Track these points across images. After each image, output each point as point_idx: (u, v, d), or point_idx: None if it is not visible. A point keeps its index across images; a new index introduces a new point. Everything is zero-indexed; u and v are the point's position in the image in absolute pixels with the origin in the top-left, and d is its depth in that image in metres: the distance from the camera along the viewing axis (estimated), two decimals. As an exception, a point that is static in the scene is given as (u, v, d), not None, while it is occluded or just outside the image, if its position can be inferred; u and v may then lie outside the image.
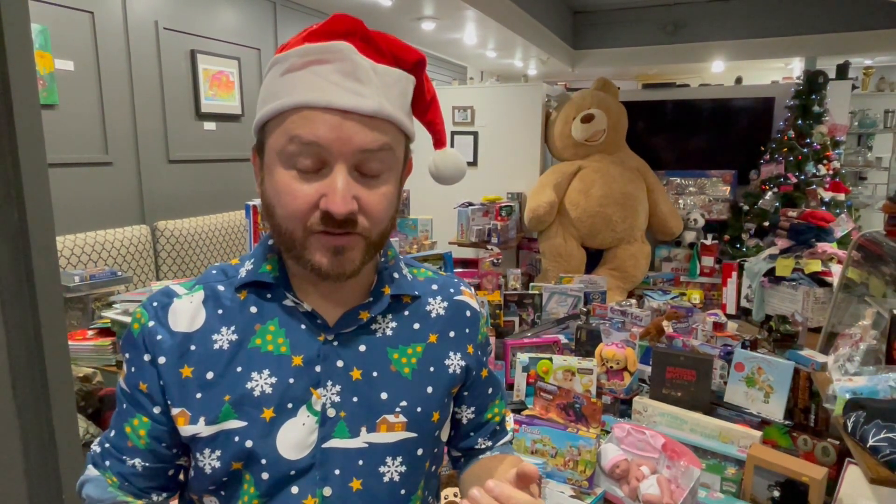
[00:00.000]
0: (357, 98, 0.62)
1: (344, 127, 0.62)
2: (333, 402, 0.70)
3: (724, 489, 1.36)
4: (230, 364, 0.69)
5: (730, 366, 1.65)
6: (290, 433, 0.68)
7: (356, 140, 0.62)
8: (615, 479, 1.29)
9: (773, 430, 1.50)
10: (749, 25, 5.19)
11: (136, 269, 3.19)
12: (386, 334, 0.75)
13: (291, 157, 0.63)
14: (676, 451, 1.26)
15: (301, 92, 0.63)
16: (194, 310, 0.71)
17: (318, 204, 0.63)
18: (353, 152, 0.63)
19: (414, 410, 0.73)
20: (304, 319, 0.72)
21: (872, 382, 1.13)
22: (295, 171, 0.64)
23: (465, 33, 4.51)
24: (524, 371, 1.73)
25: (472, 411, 0.84)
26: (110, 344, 1.96)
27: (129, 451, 0.71)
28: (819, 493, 1.21)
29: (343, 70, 0.62)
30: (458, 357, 0.79)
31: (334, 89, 0.62)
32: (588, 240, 3.90)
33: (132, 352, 0.71)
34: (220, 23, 3.81)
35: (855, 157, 6.40)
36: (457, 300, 0.82)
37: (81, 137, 3.04)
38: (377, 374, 0.72)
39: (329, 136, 0.62)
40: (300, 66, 0.63)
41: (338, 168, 0.63)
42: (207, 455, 0.68)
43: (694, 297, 3.34)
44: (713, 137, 4.28)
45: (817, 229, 2.76)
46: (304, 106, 0.62)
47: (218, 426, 0.68)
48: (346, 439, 0.70)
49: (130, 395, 0.70)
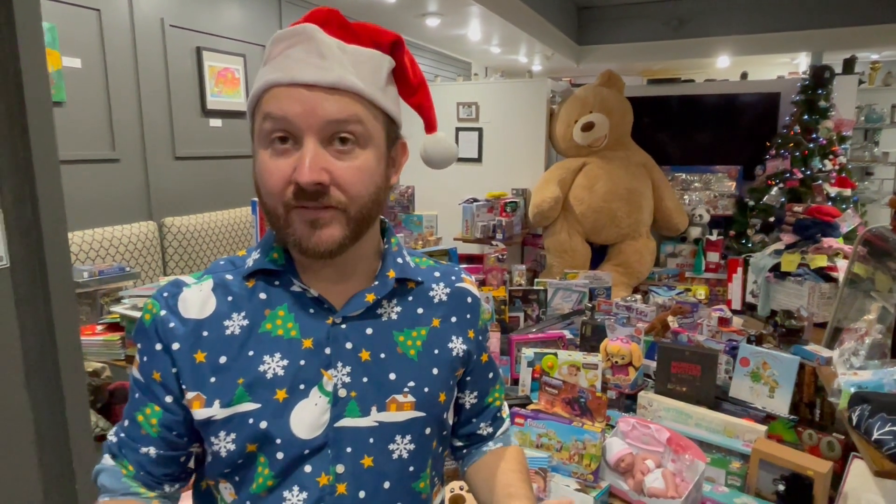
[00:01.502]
0: (319, 71, 0.65)
1: (309, 99, 0.65)
2: (344, 382, 0.72)
3: (729, 483, 1.37)
4: (242, 348, 0.71)
5: (735, 361, 1.65)
6: (303, 413, 0.70)
7: (321, 111, 0.65)
8: (620, 472, 1.30)
9: (778, 424, 1.50)
10: (754, 20, 5.16)
11: (144, 265, 3.21)
12: (391, 318, 0.77)
13: (267, 136, 0.67)
14: (681, 444, 1.27)
15: (271, 74, 0.67)
16: (204, 297, 0.72)
17: (291, 178, 0.66)
18: (321, 124, 0.65)
19: (421, 391, 0.76)
20: (312, 304, 0.74)
21: (878, 376, 1.14)
22: (271, 150, 0.67)
23: (469, 29, 4.50)
24: (529, 366, 1.73)
25: (475, 395, 0.88)
26: (119, 339, 1.98)
27: (143, 439, 0.72)
28: (824, 487, 1.22)
29: (308, 49, 0.66)
30: (460, 341, 0.81)
31: (298, 66, 0.65)
32: (592, 235, 3.90)
33: (144, 342, 0.72)
34: (225, 19, 3.82)
35: (861, 153, 6.36)
36: (458, 287, 0.84)
37: (89, 134, 3.06)
38: (384, 355, 0.75)
39: (295, 108, 0.65)
40: (277, 53, 0.68)
41: (307, 141, 0.65)
42: (222, 438, 0.70)
43: (699, 292, 3.33)
44: (718, 133, 4.26)
45: (823, 224, 2.75)
46: (273, 84, 0.66)
47: (232, 409, 0.69)
48: (357, 418, 0.72)
49: (144, 385, 0.72)
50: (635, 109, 4.06)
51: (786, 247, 2.78)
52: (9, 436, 1.25)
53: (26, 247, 1.14)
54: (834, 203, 3.59)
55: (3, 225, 1.11)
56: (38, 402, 1.23)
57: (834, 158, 3.76)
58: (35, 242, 1.14)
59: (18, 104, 1.08)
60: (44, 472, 1.27)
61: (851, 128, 4.01)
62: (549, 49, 5.15)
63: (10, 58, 1.07)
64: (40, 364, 1.22)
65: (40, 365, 1.22)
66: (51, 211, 1.16)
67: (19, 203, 1.13)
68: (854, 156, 6.10)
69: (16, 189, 1.12)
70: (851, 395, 1.12)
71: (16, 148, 1.11)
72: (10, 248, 1.12)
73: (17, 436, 1.24)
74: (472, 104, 4.45)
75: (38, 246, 1.14)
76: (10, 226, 1.12)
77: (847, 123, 3.89)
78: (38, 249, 1.14)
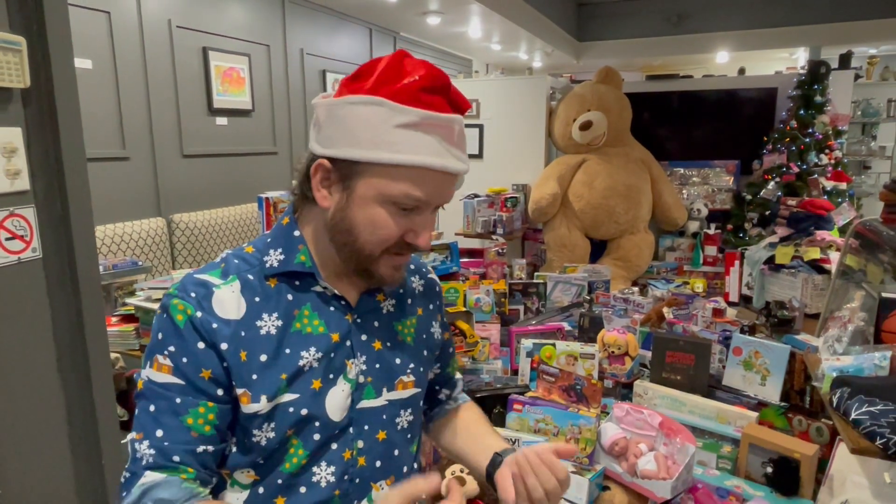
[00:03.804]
0: (460, 163, 0.76)
1: (446, 184, 0.76)
2: (362, 370, 0.83)
3: (720, 466, 1.41)
4: (280, 347, 0.77)
5: (728, 350, 1.69)
6: (334, 399, 0.80)
7: (449, 194, 0.78)
8: (614, 456, 1.34)
9: (769, 411, 1.54)
10: (753, 15, 5.17)
11: (153, 259, 3.27)
12: (390, 311, 0.89)
13: (394, 199, 0.74)
14: (673, 428, 1.31)
15: (425, 154, 0.72)
16: (237, 299, 0.77)
17: (403, 236, 0.77)
18: (443, 202, 0.78)
19: (419, 370, 0.90)
20: (333, 302, 0.82)
21: (858, 361, 1.18)
22: (390, 209, 0.75)
23: (469, 27, 4.52)
24: (528, 357, 1.78)
25: (438, 367, 1.02)
26: (133, 329, 2.03)
27: (196, 440, 0.74)
28: (811, 469, 1.26)
29: (451, 138, 0.74)
30: (437, 325, 0.96)
31: (449, 156, 0.74)
32: (592, 231, 3.93)
33: (179, 342, 0.73)
34: (230, 20, 3.86)
35: (859, 147, 6.37)
36: (430, 278, 0.98)
37: (100, 133, 3.11)
38: (390, 343, 0.86)
39: (436, 192, 0.75)
40: (424, 127, 0.72)
41: (428, 212, 0.78)
42: (265, 429, 0.76)
43: (697, 285, 3.36)
44: (716, 128, 4.28)
45: (816, 217, 2.78)
46: (426, 167, 0.73)
47: (275, 401, 0.76)
48: (373, 399, 0.84)
49: (186, 387, 0.73)
50: (634, 105, 4.08)
51: (780, 240, 2.82)
52: (43, 417, 1.32)
53: (56, 240, 1.21)
54: (830, 197, 3.61)
55: (36, 219, 1.17)
56: (69, 385, 1.30)
57: (830, 153, 3.78)
58: (65, 235, 1.21)
59: (49, 106, 1.14)
60: (73, 450, 1.35)
61: (847, 122, 4.03)
62: (550, 46, 5.17)
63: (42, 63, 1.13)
64: (71, 350, 1.29)
65: (71, 350, 1.29)
66: (79, 205, 1.23)
67: (50, 198, 1.19)
68: (851, 150, 6.11)
69: (47, 185, 1.19)
70: (833, 378, 1.17)
71: (46, 147, 1.17)
72: (42, 241, 1.19)
73: (49, 415, 1.32)
74: (472, 101, 4.47)
75: (68, 238, 1.20)
76: (42, 219, 1.19)
77: (842, 118, 3.91)
78: (67, 242, 1.21)
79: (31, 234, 1.21)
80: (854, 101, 5.85)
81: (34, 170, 1.23)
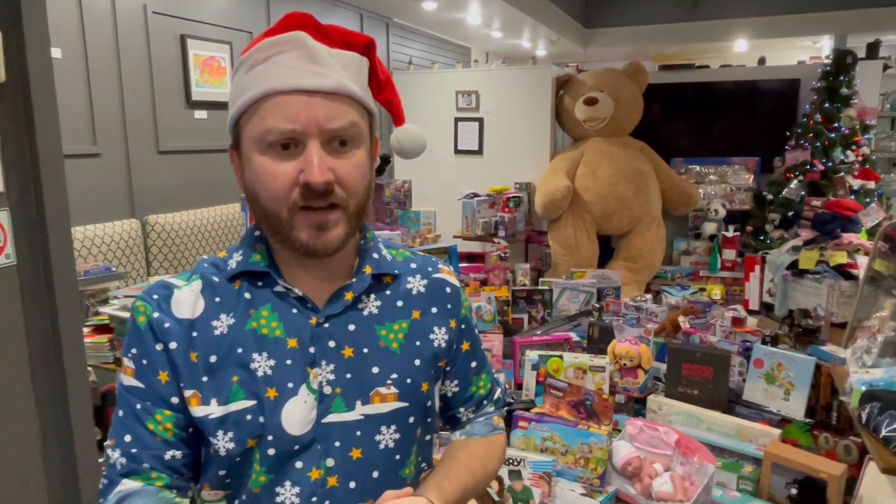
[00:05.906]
0: (319, 78, 0.73)
1: (312, 105, 0.72)
2: (329, 380, 0.80)
3: (741, 488, 1.42)
4: (231, 347, 0.78)
5: (749, 362, 1.70)
6: (293, 410, 0.78)
7: (324, 116, 0.73)
8: (627, 476, 1.35)
9: (793, 428, 1.54)
10: (774, 1, 5.21)
11: (127, 264, 3.26)
12: (372, 313, 0.84)
13: (267, 141, 0.73)
14: (690, 447, 1.33)
15: (269, 81, 0.73)
16: (194, 298, 0.79)
17: (297, 180, 0.73)
18: (323, 128, 0.73)
19: (404, 382, 0.84)
20: (295, 304, 0.81)
21: (889, 374, 1.19)
22: (271, 154, 0.74)
23: (468, 13, 4.54)
24: (533, 369, 1.79)
25: (456, 384, 0.95)
26: (107, 341, 2.02)
27: (162, 445, 0.77)
28: (838, 490, 1.27)
29: (301, 56, 0.73)
30: (442, 332, 0.89)
31: (297, 73, 0.72)
32: (604, 223, 3.95)
33: (140, 345, 0.77)
34: (210, 5, 3.86)
35: (888, 143, 6.40)
36: (436, 278, 0.92)
37: (69, 128, 3.10)
38: (367, 350, 0.82)
39: (300, 116, 0.72)
40: (263, 59, 0.74)
41: (311, 144, 0.73)
42: (221, 437, 0.76)
43: (714, 292, 3.38)
44: (735, 122, 4.30)
45: (843, 219, 2.80)
46: (274, 92, 0.72)
47: (229, 406, 0.76)
48: (343, 413, 0.80)
49: (145, 391, 0.77)
50: (646, 97, 4.11)
51: (804, 243, 2.84)
52: (14, 430, 1.32)
53: (31, 244, 1.21)
54: (857, 196, 3.63)
55: (10, 223, 1.18)
56: (43, 398, 1.30)
57: (857, 149, 3.80)
58: (40, 239, 1.21)
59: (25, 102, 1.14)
60: (47, 466, 1.35)
61: (875, 116, 4.05)
62: (555, 33, 5.19)
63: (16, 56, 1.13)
64: (45, 360, 1.30)
65: (45, 361, 1.30)
66: (55, 208, 1.24)
67: (25, 200, 1.20)
68: (880, 146, 6.14)
69: (22, 186, 1.19)
70: (862, 393, 1.18)
71: (21, 145, 1.17)
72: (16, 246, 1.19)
73: (22, 430, 1.32)
74: (471, 93, 4.49)
75: (44, 243, 1.21)
76: (16, 223, 1.19)
77: (870, 111, 3.93)
78: (42, 247, 1.21)
79: (4, 239, 1.21)
80: (883, 93, 5.88)
81: (8, 170, 1.23)
